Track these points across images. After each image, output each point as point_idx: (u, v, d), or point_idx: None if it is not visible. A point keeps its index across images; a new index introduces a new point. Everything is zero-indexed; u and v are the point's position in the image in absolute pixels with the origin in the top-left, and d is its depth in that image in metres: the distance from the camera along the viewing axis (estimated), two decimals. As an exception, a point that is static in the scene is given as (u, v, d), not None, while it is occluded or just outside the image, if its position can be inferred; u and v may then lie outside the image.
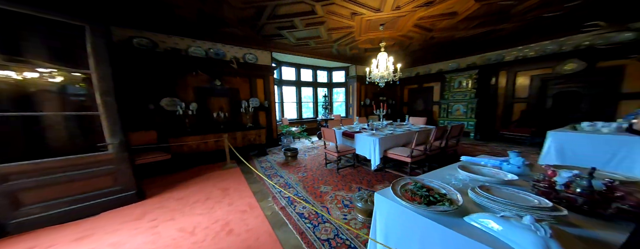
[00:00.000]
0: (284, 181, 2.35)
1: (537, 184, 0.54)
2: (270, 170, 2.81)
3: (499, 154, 3.00)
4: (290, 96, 6.26)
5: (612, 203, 0.43)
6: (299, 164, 2.94)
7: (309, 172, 2.57)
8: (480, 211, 0.55)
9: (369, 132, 2.54)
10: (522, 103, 4.02)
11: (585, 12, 2.65)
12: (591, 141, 1.63)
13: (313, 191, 1.96)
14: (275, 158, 3.43)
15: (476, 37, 3.72)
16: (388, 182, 1.99)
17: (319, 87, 6.61)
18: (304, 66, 6.16)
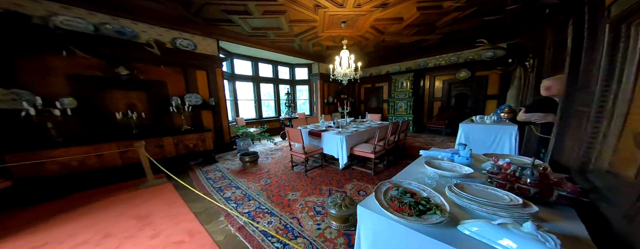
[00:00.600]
0: (242, 192, 1.96)
1: (495, 177, 0.63)
2: (222, 181, 2.29)
3: (430, 144, 3.94)
4: (247, 93, 5.43)
5: (554, 190, 0.54)
6: (260, 170, 2.57)
7: (274, 178, 2.28)
8: (462, 212, 0.55)
9: (335, 131, 2.53)
10: (438, 101, 5.34)
11: (477, 32, 3.74)
12: (482, 130, 2.33)
13: (279, 201, 1.73)
14: (229, 165, 2.85)
15: (412, 44, 4.53)
16: (356, 181, 2.04)
17: (281, 83, 6.11)
18: (263, 60, 5.47)
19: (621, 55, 0.56)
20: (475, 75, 4.52)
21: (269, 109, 6.13)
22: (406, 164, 2.49)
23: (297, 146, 2.53)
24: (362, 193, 1.75)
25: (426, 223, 0.48)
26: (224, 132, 3.75)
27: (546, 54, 1.80)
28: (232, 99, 4.88)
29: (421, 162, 1.00)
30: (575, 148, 0.81)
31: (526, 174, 0.58)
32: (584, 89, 0.81)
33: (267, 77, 5.72)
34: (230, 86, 4.84)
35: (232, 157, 3.32)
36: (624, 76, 0.55)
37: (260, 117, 5.51)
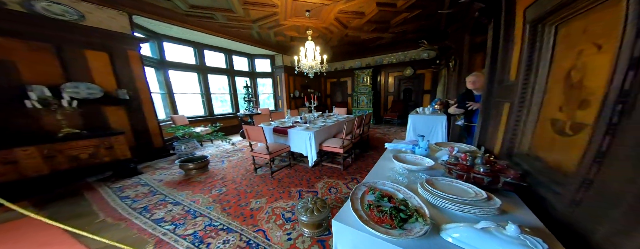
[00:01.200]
0: (184, 208, 1.53)
1: (454, 168, 0.67)
2: (149, 198, 1.72)
3: (388, 134, 4.46)
4: (191, 86, 4.31)
5: (500, 177, 0.60)
6: (212, 178, 2.10)
7: (231, 184, 1.91)
8: (438, 213, 0.53)
9: (302, 126, 2.36)
10: (391, 95, 6.11)
11: (419, 35, 4.29)
12: (423, 120, 2.80)
13: (240, 212, 1.44)
14: (161, 176, 2.20)
15: (371, 41, 4.82)
16: (327, 178, 1.97)
17: (238, 76, 5.20)
18: (212, 48, 4.46)
19: (537, 51, 0.68)
20: (417, 73, 5.39)
21: (224, 105, 5.17)
22: (371, 156, 2.67)
23: (260, 146, 2.20)
24: (334, 190, 1.71)
25: (412, 237, 0.43)
26: (152, 134, 2.83)
27: (464, 56, 2.29)
28: (164, 92, 3.74)
29: (389, 157, 1.01)
30: (495, 134, 1.01)
31: (479, 164, 0.63)
32: (501, 83, 1.00)
33: (218, 68, 4.74)
34: (160, 75, 3.66)
35: (169, 165, 2.58)
36: (540, 69, 0.67)
37: (211, 114, 4.56)
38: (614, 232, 0.38)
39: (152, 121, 2.85)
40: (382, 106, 6.26)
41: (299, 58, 3.17)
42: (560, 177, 0.53)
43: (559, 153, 0.58)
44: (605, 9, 0.50)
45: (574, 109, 0.55)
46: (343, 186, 1.78)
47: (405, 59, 5.51)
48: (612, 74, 0.41)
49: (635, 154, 0.36)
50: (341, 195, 1.60)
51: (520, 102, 0.75)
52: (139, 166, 2.49)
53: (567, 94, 0.58)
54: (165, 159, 2.82)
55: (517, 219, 0.50)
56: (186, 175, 2.20)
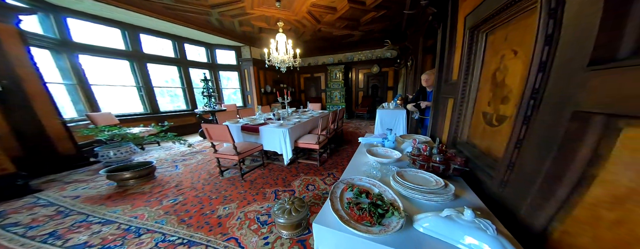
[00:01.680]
0: (120, 227, 1.21)
1: (417, 159, 0.74)
2: (59, 221, 1.27)
3: (359, 128, 4.75)
4: (122, 76, 3.30)
5: (451, 164, 0.69)
6: (162, 186, 1.74)
7: (190, 192, 1.63)
8: (409, 204, 0.56)
9: (276, 123, 2.20)
10: (361, 91, 6.52)
11: (384, 35, 4.61)
12: (388, 114, 3.11)
13: (204, 221, 1.25)
14: (78, 192, 1.67)
15: (343, 37, 4.90)
16: (304, 175, 1.93)
17: (193, 67, 4.35)
18: (152, 32, 3.57)
19: (473, 55, 0.82)
20: (382, 70, 5.89)
21: (176, 100, 4.26)
22: (346, 150, 2.75)
23: (227, 146, 1.93)
24: (311, 187, 1.69)
25: (390, 232, 0.43)
26: (53, 138, 2.07)
27: (419, 57, 2.62)
28: (71, 83, 2.76)
29: (363, 151, 1.04)
30: (443, 126, 1.19)
31: (435, 153, 0.72)
32: (446, 82, 1.17)
33: (164, 57, 3.84)
34: (62, 61, 2.66)
35: (89, 176, 1.98)
36: (475, 70, 0.81)
37: (156, 112, 3.70)
38: (532, 206, 0.47)
39: (51, 120, 2.05)
40: (353, 101, 6.60)
41: (269, 51, 2.89)
42: (491, 161, 0.67)
43: (489, 141, 0.72)
44: (521, 21, 0.62)
45: (498, 104, 0.68)
46: (320, 182, 1.78)
47: (372, 57, 5.90)
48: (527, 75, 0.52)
49: (543, 140, 0.47)
50: (319, 191, 1.60)
51: (461, 98, 0.89)
52: (35, 181, 1.78)
53: (493, 92, 0.71)
54: (82, 170, 2.12)
55: (466, 202, 0.57)
56: (120, 187, 1.71)
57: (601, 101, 0.36)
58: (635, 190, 0.31)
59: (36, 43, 2.32)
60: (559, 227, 0.42)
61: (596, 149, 0.36)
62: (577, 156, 0.39)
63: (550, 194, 0.43)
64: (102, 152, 2.11)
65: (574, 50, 0.41)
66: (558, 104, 0.44)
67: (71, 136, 2.17)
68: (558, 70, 0.45)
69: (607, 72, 0.35)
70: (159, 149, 2.95)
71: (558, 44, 0.45)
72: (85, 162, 2.23)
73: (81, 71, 2.78)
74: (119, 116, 3.08)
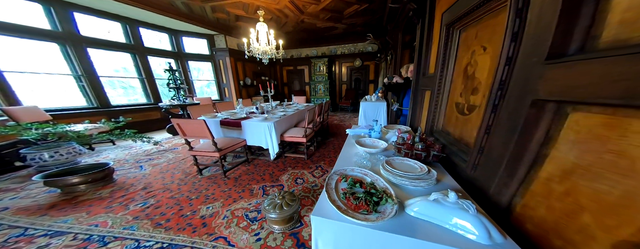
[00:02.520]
0: (76, 237, 1.02)
1: (402, 148, 0.79)
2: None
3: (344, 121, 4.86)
4: (50, 63, 2.60)
5: (430, 151, 0.76)
6: (125, 190, 1.50)
7: (164, 194, 1.45)
8: (399, 190, 0.59)
9: (260, 117, 2.06)
10: (345, 84, 6.59)
11: (366, 29, 4.62)
12: (371, 106, 3.24)
13: (185, 223, 1.14)
14: (4, 203, 1.34)
15: (326, 30, 4.75)
16: (291, 169, 1.89)
17: (153, 55, 3.69)
18: (88, 10, 2.85)
19: (449, 50, 0.88)
20: (364, 64, 6.01)
21: (131, 93, 3.60)
22: (332, 142, 2.79)
23: (204, 143, 1.75)
24: (300, 180, 1.67)
25: (387, 218, 0.45)
26: None
27: (398, 51, 2.74)
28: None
29: (352, 143, 1.06)
30: (421, 116, 1.29)
31: (417, 142, 0.78)
32: (424, 75, 1.25)
33: (111, 42, 3.15)
34: None
35: (18, 183, 1.62)
36: (449, 64, 0.87)
37: (106, 105, 3.09)
38: (499, 185, 0.53)
39: None
40: (337, 94, 6.65)
41: (249, 41, 2.62)
42: (463, 147, 0.75)
43: (461, 128, 0.80)
44: (490, 20, 0.68)
45: (469, 95, 0.76)
46: (309, 175, 1.78)
47: (355, 50, 5.94)
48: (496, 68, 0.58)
49: (508, 126, 0.54)
50: (308, 184, 1.60)
51: (437, 90, 0.97)
52: None
53: (465, 84, 0.79)
54: (5, 177, 1.67)
55: (446, 185, 0.63)
56: (66, 194, 1.41)
57: (554, 90, 0.42)
58: (578, 165, 0.38)
59: None
60: (521, 201, 0.48)
61: (548, 131, 0.43)
62: (533, 138, 0.45)
63: (513, 173, 0.50)
64: (32, 154, 1.66)
65: (535, 47, 0.46)
66: (520, 94, 0.50)
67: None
68: (521, 64, 0.51)
69: (560, 66, 0.41)
70: (115, 149, 2.50)
71: (522, 41, 0.51)
72: (7, 167, 1.74)
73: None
74: (50, 111, 2.45)
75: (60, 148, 1.76)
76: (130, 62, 3.45)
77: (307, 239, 1.01)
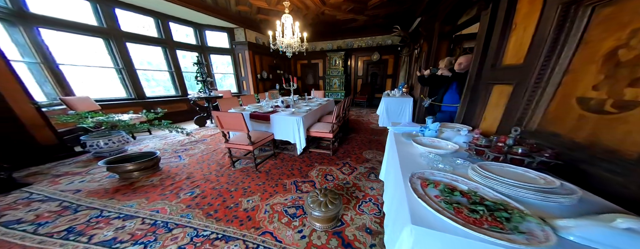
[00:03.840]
0: (144, 221, 1.07)
1: (486, 150, 0.65)
2: (71, 217, 1.09)
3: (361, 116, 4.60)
4: (95, 56, 2.74)
5: (535, 157, 0.57)
6: (172, 179, 1.56)
7: (206, 184, 1.48)
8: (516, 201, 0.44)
9: (287, 111, 2.01)
10: (360, 79, 6.28)
11: (388, 21, 4.23)
12: (395, 102, 3.00)
13: (231, 215, 1.14)
14: (76, 185, 1.45)
15: (344, 23, 4.44)
16: (318, 165, 1.81)
17: (181, 49, 3.74)
18: (127, 6, 2.92)
19: (565, 32, 0.68)
20: (382, 58, 5.62)
21: (159, 85, 3.75)
22: (354, 138, 2.59)
23: (238, 136, 1.75)
24: (330, 177, 1.60)
25: (548, 245, 0.32)
26: (28, 125, 1.73)
27: (434, 43, 2.43)
28: (34, 61, 2.23)
29: (401, 141, 0.94)
30: (481, 114, 1.12)
31: (510, 144, 0.62)
32: (493, 67, 1.05)
33: (145, 36, 3.22)
34: (19, 35, 2.11)
35: (82, 167, 1.73)
36: (565, 50, 0.67)
37: (142, 97, 3.24)
38: None
39: (22, 104, 1.67)
40: (352, 89, 6.40)
41: (273, 34, 2.51)
42: (605, 154, 0.54)
43: (594, 130, 0.59)
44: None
45: (622, 87, 0.54)
46: (337, 171, 1.70)
47: (373, 44, 5.55)
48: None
49: None
50: (339, 182, 1.52)
51: (534, 83, 0.77)
52: (17, 174, 1.50)
53: (608, 73, 0.57)
54: (69, 161, 1.83)
55: (594, 204, 0.45)
56: (124, 180, 1.51)
57: None
58: None
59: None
60: None
61: None
62: None
63: None
64: (91, 141, 1.80)
65: None
66: None
67: (49, 123, 1.80)
68: None
69: None
70: (152, 138, 2.64)
71: None
72: (69, 152, 1.91)
73: (45, 48, 2.22)
74: (98, 101, 2.63)
75: (112, 136, 1.88)
76: (158, 56, 3.55)
77: (353, 240, 0.96)
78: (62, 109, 2.17)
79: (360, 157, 2.01)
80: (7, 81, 1.57)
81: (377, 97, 6.01)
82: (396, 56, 5.34)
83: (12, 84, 1.60)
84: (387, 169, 1.08)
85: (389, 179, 0.95)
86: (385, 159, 1.19)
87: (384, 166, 1.23)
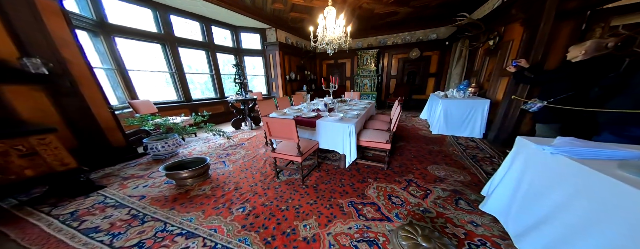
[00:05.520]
0: (205, 243, 1.01)
1: None
2: (138, 228, 1.10)
3: (404, 122, 3.92)
4: (150, 61, 3.10)
5: None
6: (222, 189, 1.52)
7: (255, 198, 1.39)
8: None
9: (334, 117, 1.83)
10: (394, 79, 5.77)
11: (440, 10, 3.62)
12: (457, 105, 2.48)
13: (291, 245, 0.99)
14: (140, 190, 1.52)
15: (381, 17, 4.08)
16: (373, 181, 1.57)
17: (220, 52, 4.01)
18: (181, 13, 3.21)
19: None
20: (423, 55, 5.03)
21: (201, 87, 4.09)
22: (405, 148, 2.21)
23: (284, 144, 1.64)
24: (396, 199, 1.34)
25: None
26: (105, 128, 1.93)
27: (545, 25, 1.75)
28: (110, 67, 2.58)
29: (615, 166, 0.57)
30: None
31: None
32: None
33: (193, 40, 3.50)
34: (100, 44, 2.46)
35: (143, 170, 1.85)
36: None
37: (188, 100, 3.54)
38: None
39: (102, 110, 1.90)
40: (384, 90, 5.94)
41: (315, 29, 2.40)
42: None
43: None
44: None
45: None
46: (403, 192, 1.42)
47: (412, 40, 5.03)
48: None
49: None
50: (413, 207, 1.23)
51: None
52: (93, 176, 1.69)
53: None
54: (133, 163, 2.01)
55: None
56: (180, 187, 1.56)
57: None
58: None
59: (77, 24, 2.10)
60: None
61: None
62: None
63: None
64: (151, 144, 1.96)
65: None
66: None
67: (119, 126, 2.04)
68: None
69: None
70: (197, 141, 2.82)
71: None
72: (133, 154, 2.13)
73: (118, 55, 2.59)
74: (156, 104, 2.95)
75: (168, 139, 2.03)
76: (200, 59, 3.85)
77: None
78: (128, 112, 2.48)
79: (426, 174, 1.69)
80: (90, 87, 1.83)
81: (415, 98, 5.42)
82: (442, 52, 4.70)
83: (94, 89, 1.85)
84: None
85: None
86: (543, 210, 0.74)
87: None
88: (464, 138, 2.51)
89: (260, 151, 2.34)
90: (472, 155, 2.04)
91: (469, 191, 1.39)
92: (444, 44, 4.57)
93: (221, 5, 3.04)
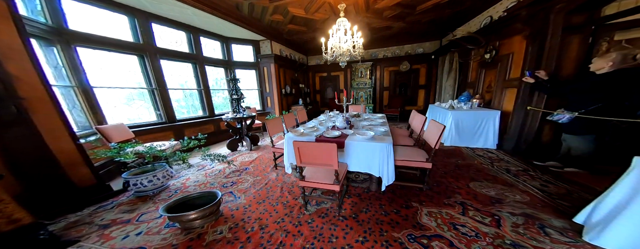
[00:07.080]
0: None
1: None
2: None
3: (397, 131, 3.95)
4: (125, 76, 2.74)
5: None
6: (245, 230, 1.22)
7: (289, 240, 1.14)
8: None
9: (365, 135, 1.75)
10: (386, 91, 6.17)
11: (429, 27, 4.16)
12: (466, 116, 2.57)
13: None
14: (133, 240, 1.14)
15: (376, 31, 4.50)
16: (418, 205, 1.44)
17: (209, 64, 3.77)
18: (164, 21, 2.97)
19: None
20: (412, 67, 5.58)
21: (185, 104, 3.68)
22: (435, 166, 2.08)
23: (316, 172, 1.47)
24: (465, 229, 1.15)
25: None
26: (64, 164, 1.52)
27: (552, 39, 1.86)
28: (69, 85, 2.14)
29: None
30: None
31: None
32: None
33: (177, 52, 3.21)
34: (55, 55, 2.06)
35: (127, 213, 1.44)
36: None
37: (172, 120, 3.11)
38: None
39: (63, 141, 1.47)
40: (378, 102, 6.26)
41: (326, 41, 2.45)
42: None
43: None
44: None
45: None
46: (467, 219, 1.24)
47: (400, 53, 5.60)
48: None
49: None
50: (495, 240, 1.05)
51: None
52: (53, 227, 1.24)
53: None
54: (109, 204, 1.55)
55: None
56: (187, 231, 1.20)
57: None
58: None
59: (28, 30, 1.69)
60: None
61: None
62: None
63: None
64: (134, 180, 1.54)
65: None
66: None
67: (86, 160, 1.58)
68: None
69: None
70: (188, 168, 2.39)
71: None
72: (107, 193, 1.64)
73: (81, 69, 2.16)
74: (131, 127, 2.47)
75: (156, 172, 1.64)
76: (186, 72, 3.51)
77: None
78: (95, 139, 1.99)
79: (475, 193, 1.58)
80: (47, 111, 1.41)
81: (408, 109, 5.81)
82: (429, 65, 5.30)
83: (51, 115, 1.43)
84: None
85: None
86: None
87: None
88: (480, 149, 2.53)
89: (271, 176, 2.08)
90: (505, 169, 1.97)
91: (545, 216, 1.22)
92: (430, 58, 5.17)
93: (215, 14, 2.91)
